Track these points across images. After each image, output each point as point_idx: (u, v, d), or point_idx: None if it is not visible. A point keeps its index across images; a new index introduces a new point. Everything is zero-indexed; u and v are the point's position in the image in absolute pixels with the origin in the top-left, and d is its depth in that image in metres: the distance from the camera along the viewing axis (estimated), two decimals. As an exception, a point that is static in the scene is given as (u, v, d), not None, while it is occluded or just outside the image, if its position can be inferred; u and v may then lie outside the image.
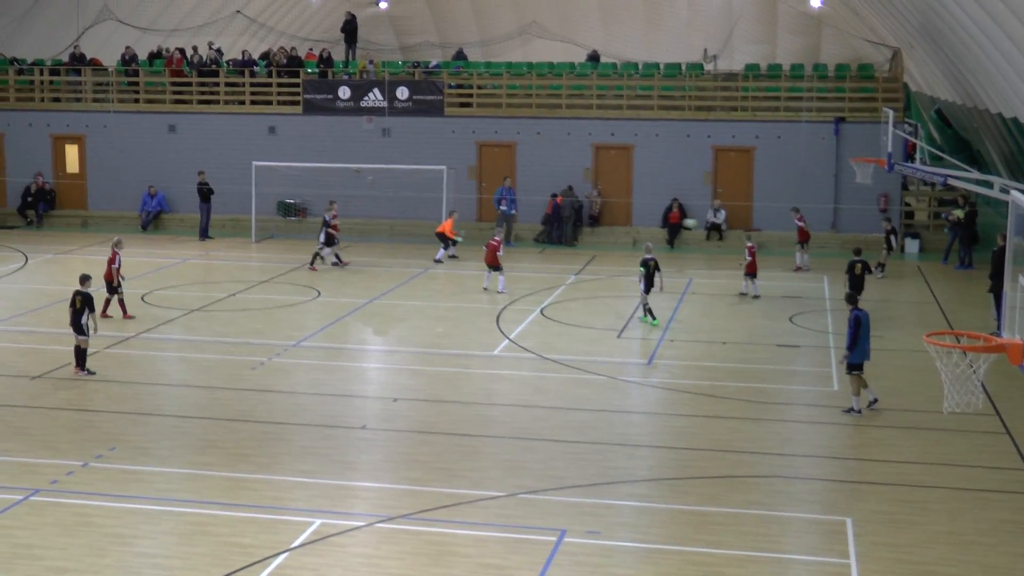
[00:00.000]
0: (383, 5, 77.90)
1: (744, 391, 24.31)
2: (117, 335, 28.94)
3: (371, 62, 51.24)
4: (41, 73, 49.37)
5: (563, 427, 22.09)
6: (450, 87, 45.19)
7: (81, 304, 24.51)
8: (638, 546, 16.71)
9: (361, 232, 43.01)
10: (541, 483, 19.05)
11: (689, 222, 41.05)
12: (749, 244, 34.17)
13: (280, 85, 46.72)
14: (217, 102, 47.20)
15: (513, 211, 42.81)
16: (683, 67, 46.92)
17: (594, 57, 51.56)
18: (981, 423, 21.71)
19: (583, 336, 29.17)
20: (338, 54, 56.65)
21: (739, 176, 42.27)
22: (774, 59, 61.21)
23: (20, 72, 49.41)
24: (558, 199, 42.86)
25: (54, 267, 38.84)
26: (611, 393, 24.46)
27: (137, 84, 48.46)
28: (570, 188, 43.03)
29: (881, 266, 35.66)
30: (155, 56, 51.05)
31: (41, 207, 47.38)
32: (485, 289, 34.16)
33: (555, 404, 23.49)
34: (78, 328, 24.60)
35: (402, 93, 44.79)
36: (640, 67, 47.55)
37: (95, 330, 25.59)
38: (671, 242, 42.09)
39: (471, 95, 45.43)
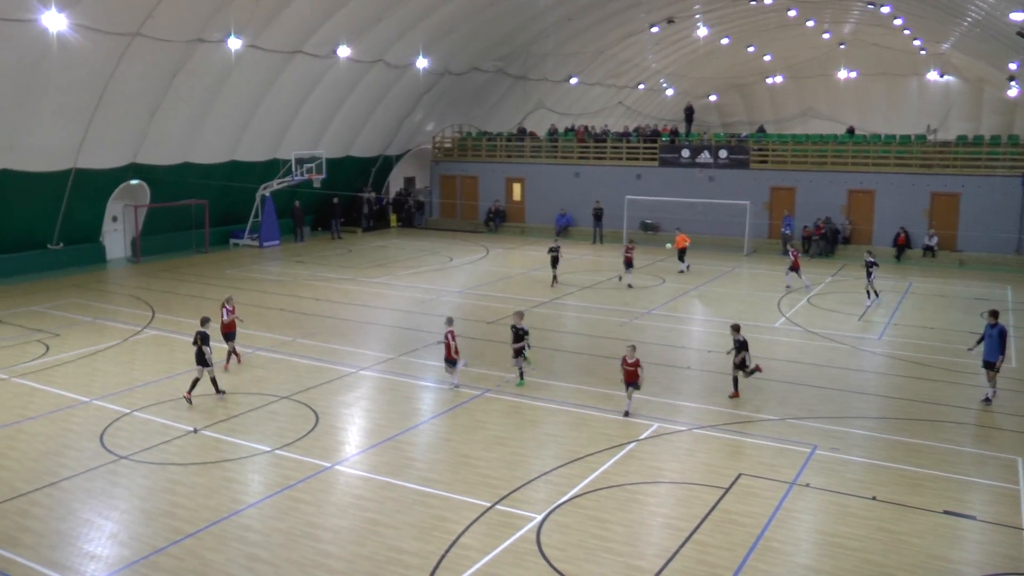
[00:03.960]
0: (712, 98, 78.13)
1: (943, 361, 22.62)
2: (537, 300, 29.18)
3: (704, 133, 51.60)
4: (500, 140, 51.28)
5: (818, 375, 21.04)
6: (754, 150, 44.41)
7: (200, 341, 18.01)
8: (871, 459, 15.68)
9: (693, 244, 40.94)
10: (799, 412, 18.16)
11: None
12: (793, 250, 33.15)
13: (645, 148, 46.89)
14: (605, 158, 47.81)
15: (788, 231, 41.78)
16: (912, 137, 45.13)
17: (851, 130, 50.53)
18: None
19: (836, 318, 27.60)
20: (681, 128, 57.76)
21: (948, 213, 39.95)
22: (979, 132, 57.91)
23: (489, 140, 51.64)
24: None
25: (503, 257, 39.99)
26: (849, 357, 23.01)
27: (556, 146, 49.43)
28: (828, 218, 41.88)
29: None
30: (568, 130, 52.78)
31: (497, 221, 49.52)
32: (620, 279, 33.18)
33: (813, 361, 22.35)
34: (201, 361, 18.06)
35: (722, 153, 44.42)
36: (882, 137, 45.66)
37: (213, 363, 18.54)
38: (898, 257, 40.28)
39: (767, 155, 44.28)
